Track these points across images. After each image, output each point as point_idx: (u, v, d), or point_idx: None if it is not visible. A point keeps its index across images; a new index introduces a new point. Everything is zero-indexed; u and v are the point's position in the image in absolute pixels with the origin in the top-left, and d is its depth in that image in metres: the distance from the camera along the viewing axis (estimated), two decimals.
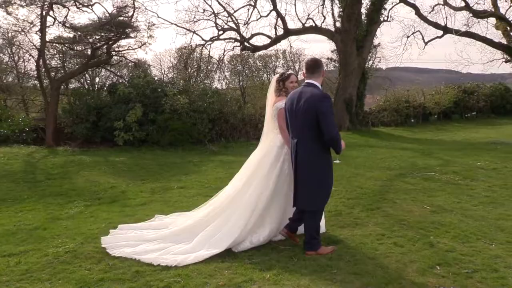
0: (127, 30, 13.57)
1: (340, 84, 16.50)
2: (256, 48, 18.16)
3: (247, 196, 4.42)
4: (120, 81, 14.23)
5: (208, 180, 7.90)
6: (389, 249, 4.20)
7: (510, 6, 21.52)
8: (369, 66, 18.14)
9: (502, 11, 21.84)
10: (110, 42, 13.52)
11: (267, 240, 4.41)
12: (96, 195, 6.96)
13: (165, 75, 24.95)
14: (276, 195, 4.41)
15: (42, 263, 4.07)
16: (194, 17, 17.22)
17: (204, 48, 18.55)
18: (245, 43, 17.71)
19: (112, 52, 13.94)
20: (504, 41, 22.21)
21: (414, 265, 3.81)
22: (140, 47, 14.31)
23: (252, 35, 17.86)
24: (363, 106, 17.24)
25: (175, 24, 17.44)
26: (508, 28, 21.85)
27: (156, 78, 14.75)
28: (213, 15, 17.25)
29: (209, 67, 24.90)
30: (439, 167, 8.22)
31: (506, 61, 22.45)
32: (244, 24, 17.88)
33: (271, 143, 4.57)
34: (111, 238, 4.61)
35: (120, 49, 14.35)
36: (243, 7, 17.62)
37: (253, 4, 17.32)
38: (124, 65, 16.37)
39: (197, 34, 17.89)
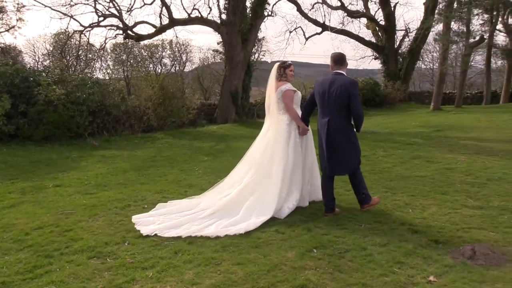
0: None
1: (226, 76, 16.71)
2: (140, 37, 17.53)
3: (275, 169, 5.09)
4: None
5: (88, 176, 7.43)
6: (271, 237, 4.37)
7: (379, 9, 23.73)
8: (254, 59, 18.62)
9: (372, 12, 24.07)
10: None
11: (297, 204, 5.16)
12: None
13: (39, 63, 22.80)
14: (295, 164, 5.16)
15: None
16: (71, 0, 16.04)
17: (82, 34, 17.38)
18: (128, 31, 16.99)
19: None
20: (373, 40, 24.51)
21: (294, 250, 4.01)
22: (7, 30, 12.90)
23: (136, 23, 17.22)
24: (248, 98, 17.70)
25: (49, 7, 16.09)
26: (377, 28, 24.15)
27: (28, 66, 13.41)
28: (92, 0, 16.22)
29: (90, 55, 23.39)
30: (317, 155, 8.76)
31: (375, 58, 24.84)
32: (127, 11, 17.17)
33: (281, 123, 5.24)
34: (147, 228, 4.57)
35: None
36: None
37: None
38: None
39: (74, 19, 16.72)
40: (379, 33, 24.02)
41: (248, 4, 16.69)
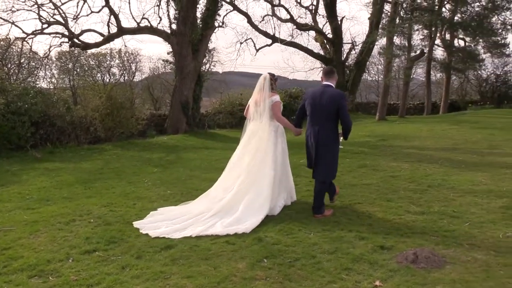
0: None
1: (177, 87, 16.54)
2: (87, 46, 17.02)
3: (267, 171, 5.50)
4: None
5: (30, 190, 7.07)
6: (222, 248, 4.34)
7: (326, 22, 24.44)
8: (205, 69, 18.59)
9: (320, 26, 24.75)
10: None
11: (284, 203, 5.71)
12: None
13: None
14: (283, 166, 5.72)
15: None
16: (13, 6, 15.35)
17: (25, 42, 16.66)
18: (75, 39, 16.45)
19: None
20: (322, 52, 25.19)
21: (244, 260, 4.01)
22: None
23: (83, 31, 16.70)
24: (199, 109, 17.57)
25: None
26: (325, 41, 24.85)
27: None
28: (36, 6, 15.61)
29: (33, 64, 22.39)
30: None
31: None
32: (73, 19, 16.64)
33: (270, 128, 5.70)
34: (155, 232, 4.77)
35: None
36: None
37: None
38: None
39: (16, 26, 15.99)
40: (327, 46, 24.71)
41: (198, 14, 16.65)
